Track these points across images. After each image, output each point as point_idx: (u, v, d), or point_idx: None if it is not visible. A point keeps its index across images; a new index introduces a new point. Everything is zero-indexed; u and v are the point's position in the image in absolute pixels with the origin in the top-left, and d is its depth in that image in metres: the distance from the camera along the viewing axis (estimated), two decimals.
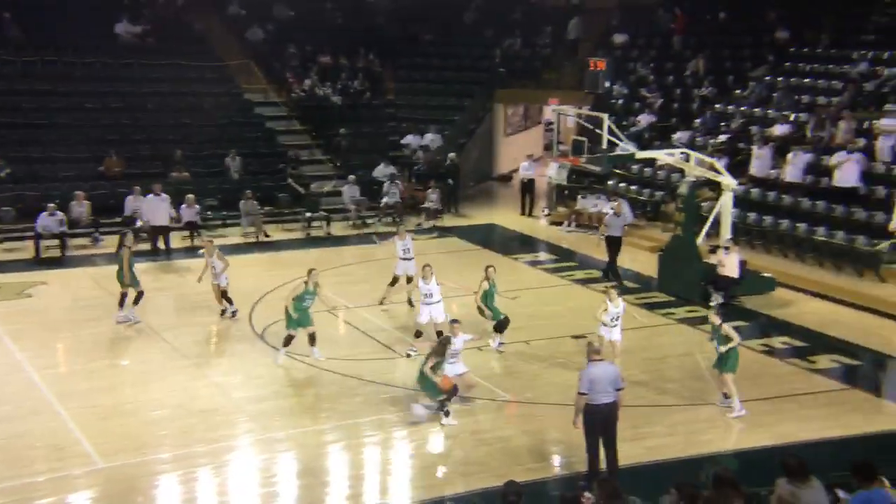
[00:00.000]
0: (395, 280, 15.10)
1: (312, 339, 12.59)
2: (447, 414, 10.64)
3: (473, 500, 9.08)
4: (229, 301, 14.49)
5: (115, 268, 14.41)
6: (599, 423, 9.01)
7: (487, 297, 13.17)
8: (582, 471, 9.34)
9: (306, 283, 12.54)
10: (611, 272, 16.73)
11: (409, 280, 14.92)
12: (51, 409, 10.98)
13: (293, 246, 19.84)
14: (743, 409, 10.99)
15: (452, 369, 11.04)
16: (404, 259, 15.00)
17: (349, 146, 24.28)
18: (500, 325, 13.14)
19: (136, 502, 9.11)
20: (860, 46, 22.14)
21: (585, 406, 8.96)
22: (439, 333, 12.00)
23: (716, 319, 11.11)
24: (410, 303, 14.88)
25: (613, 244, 16.89)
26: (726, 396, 11.19)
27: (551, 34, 27.75)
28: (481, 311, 13.15)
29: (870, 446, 10.19)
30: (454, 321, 11.46)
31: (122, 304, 14.20)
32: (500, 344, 13.17)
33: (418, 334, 12.99)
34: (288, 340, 12.50)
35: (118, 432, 10.41)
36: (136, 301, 14.35)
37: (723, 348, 10.99)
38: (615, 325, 12.16)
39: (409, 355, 12.79)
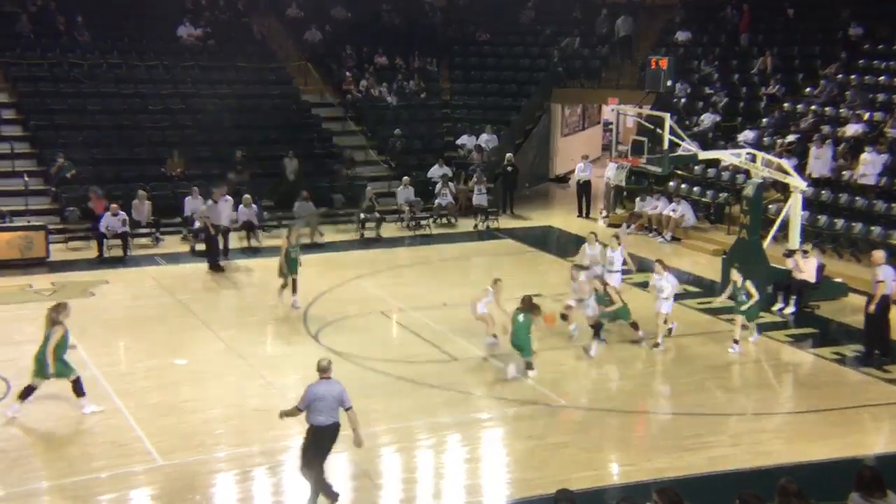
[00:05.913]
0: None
1: (79, 388, 10.90)
2: (530, 367, 11.90)
3: None
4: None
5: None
6: (330, 443, 8.72)
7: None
8: (633, 481, 9.11)
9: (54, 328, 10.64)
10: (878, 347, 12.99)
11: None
12: (112, 407, 11.15)
13: (347, 247, 19.81)
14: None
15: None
16: (610, 272, 14.28)
17: (404, 147, 24.27)
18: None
19: (194, 500, 9.17)
20: None
21: (316, 428, 8.65)
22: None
23: (738, 278, 12.89)
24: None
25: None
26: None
27: (605, 32, 27.20)
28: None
29: None
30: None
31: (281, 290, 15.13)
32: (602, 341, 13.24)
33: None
34: (28, 391, 10.72)
35: (176, 430, 10.52)
36: (282, 287, 15.04)
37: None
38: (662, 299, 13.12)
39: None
